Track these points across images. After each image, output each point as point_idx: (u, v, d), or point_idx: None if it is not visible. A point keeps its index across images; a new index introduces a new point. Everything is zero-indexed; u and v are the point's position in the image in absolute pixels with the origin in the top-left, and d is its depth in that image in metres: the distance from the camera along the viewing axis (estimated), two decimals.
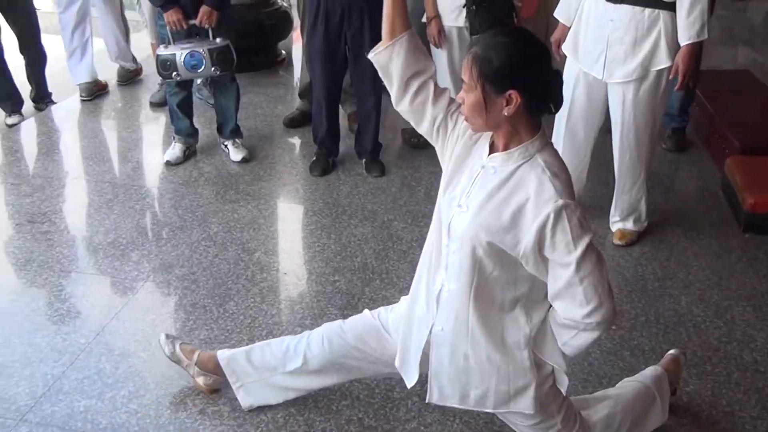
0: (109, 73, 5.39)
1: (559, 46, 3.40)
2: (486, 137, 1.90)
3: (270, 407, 2.48)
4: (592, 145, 3.49)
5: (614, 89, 3.27)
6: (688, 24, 3.06)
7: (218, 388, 2.55)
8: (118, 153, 4.49)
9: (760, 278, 3.32)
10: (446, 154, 1.99)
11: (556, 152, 1.87)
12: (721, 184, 4.06)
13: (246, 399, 2.47)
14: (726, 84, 4.92)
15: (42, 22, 5.13)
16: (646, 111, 3.27)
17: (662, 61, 3.16)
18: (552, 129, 3.44)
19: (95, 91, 5.18)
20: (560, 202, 1.74)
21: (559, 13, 3.44)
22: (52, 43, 5.32)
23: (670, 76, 3.19)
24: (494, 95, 1.76)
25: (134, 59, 5.50)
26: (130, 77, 5.46)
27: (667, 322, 3.02)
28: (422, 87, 1.98)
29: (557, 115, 3.40)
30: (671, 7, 3.09)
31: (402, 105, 2.02)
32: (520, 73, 1.75)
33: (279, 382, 2.42)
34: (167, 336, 2.59)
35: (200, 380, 2.52)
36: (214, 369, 2.49)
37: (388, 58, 1.96)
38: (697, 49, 3.15)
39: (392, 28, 1.94)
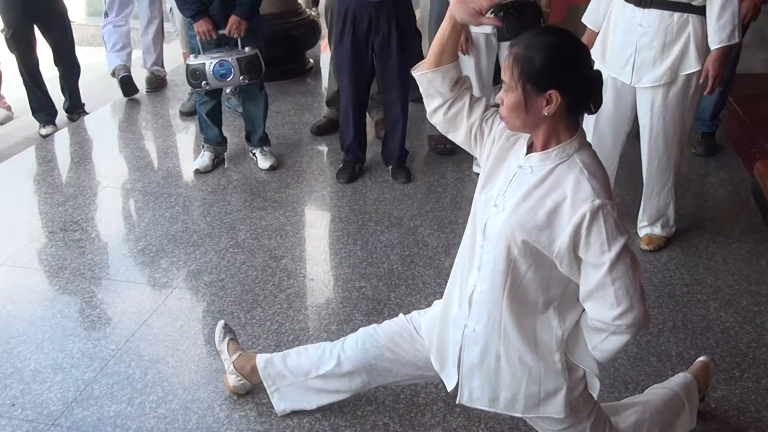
0: (139, 84, 5.48)
1: None
2: (524, 138, 1.90)
3: (296, 413, 2.50)
4: (620, 151, 3.46)
5: (643, 94, 3.25)
6: (719, 28, 3.03)
7: (243, 393, 2.58)
8: (148, 162, 4.56)
9: None
10: (483, 157, 2.00)
11: (594, 153, 1.86)
12: (751, 188, 4.01)
13: (280, 404, 2.48)
14: (757, 87, 4.85)
15: (76, 34, 5.24)
16: (675, 116, 3.24)
17: (691, 66, 3.13)
18: None
19: (129, 76, 5.29)
20: (597, 202, 1.73)
21: (587, 19, 3.43)
22: (85, 55, 5.43)
23: (700, 81, 3.16)
24: (535, 95, 1.75)
25: (163, 65, 5.62)
26: (159, 84, 5.59)
27: (695, 327, 2.99)
28: (457, 98, 1.99)
29: (585, 120, 3.39)
30: (700, 11, 3.07)
31: (436, 117, 2.03)
32: (562, 73, 1.74)
33: (313, 386, 2.44)
34: (225, 325, 2.64)
35: (230, 378, 2.55)
36: (249, 372, 2.51)
37: (431, 78, 1.99)
38: (727, 53, 3.12)
39: (441, 56, 1.95)
